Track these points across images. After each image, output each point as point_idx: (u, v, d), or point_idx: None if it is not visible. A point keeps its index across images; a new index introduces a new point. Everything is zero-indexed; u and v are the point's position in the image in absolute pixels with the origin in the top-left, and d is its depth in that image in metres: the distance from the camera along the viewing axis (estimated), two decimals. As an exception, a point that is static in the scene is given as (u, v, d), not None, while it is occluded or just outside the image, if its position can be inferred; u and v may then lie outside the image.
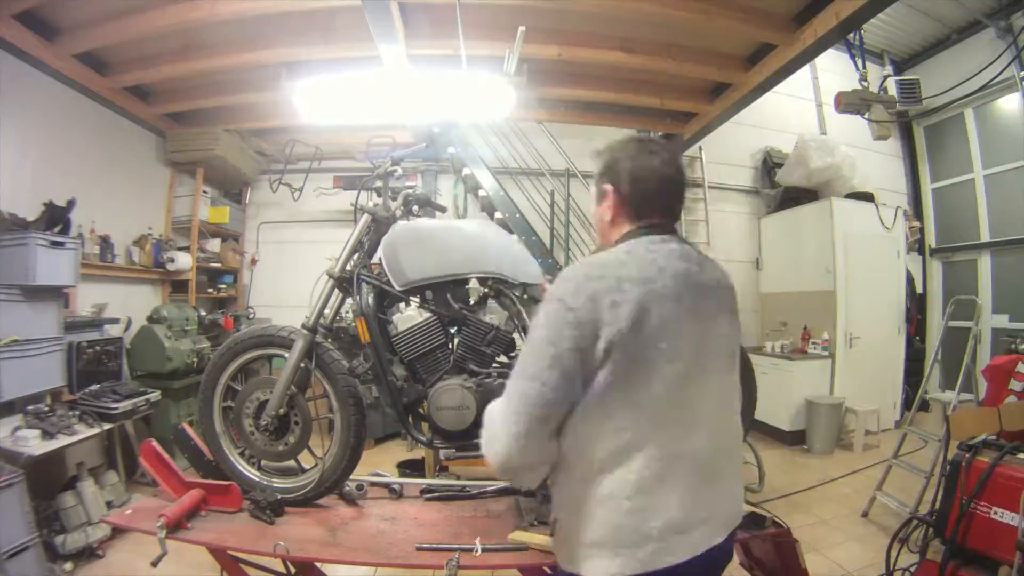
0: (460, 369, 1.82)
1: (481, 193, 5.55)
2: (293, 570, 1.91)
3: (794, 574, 1.72)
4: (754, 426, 2.03)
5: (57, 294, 3.32)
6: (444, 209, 2.32)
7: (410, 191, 1.99)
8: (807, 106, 6.89)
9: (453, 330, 1.88)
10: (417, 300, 1.85)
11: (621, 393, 0.98)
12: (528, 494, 1.87)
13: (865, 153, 6.19)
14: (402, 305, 1.88)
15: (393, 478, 2.18)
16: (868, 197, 5.85)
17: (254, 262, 6.13)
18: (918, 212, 7.06)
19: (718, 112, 4.76)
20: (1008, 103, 5.96)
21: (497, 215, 5.46)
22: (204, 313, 4.96)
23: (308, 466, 1.91)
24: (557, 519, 1.13)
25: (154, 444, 1.86)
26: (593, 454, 1.01)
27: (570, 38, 3.90)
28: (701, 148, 6.33)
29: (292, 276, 4.31)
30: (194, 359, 4.31)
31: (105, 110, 4.44)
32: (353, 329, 1.85)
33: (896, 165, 7.19)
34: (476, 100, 3.33)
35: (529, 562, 1.50)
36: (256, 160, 5.76)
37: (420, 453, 4.25)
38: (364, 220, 1.90)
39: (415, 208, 2.01)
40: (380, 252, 1.85)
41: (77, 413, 3.18)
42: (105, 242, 4.25)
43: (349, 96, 3.18)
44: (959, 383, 3.67)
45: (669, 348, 1.00)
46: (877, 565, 2.73)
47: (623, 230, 1.16)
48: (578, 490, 1.04)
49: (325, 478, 1.84)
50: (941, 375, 5.92)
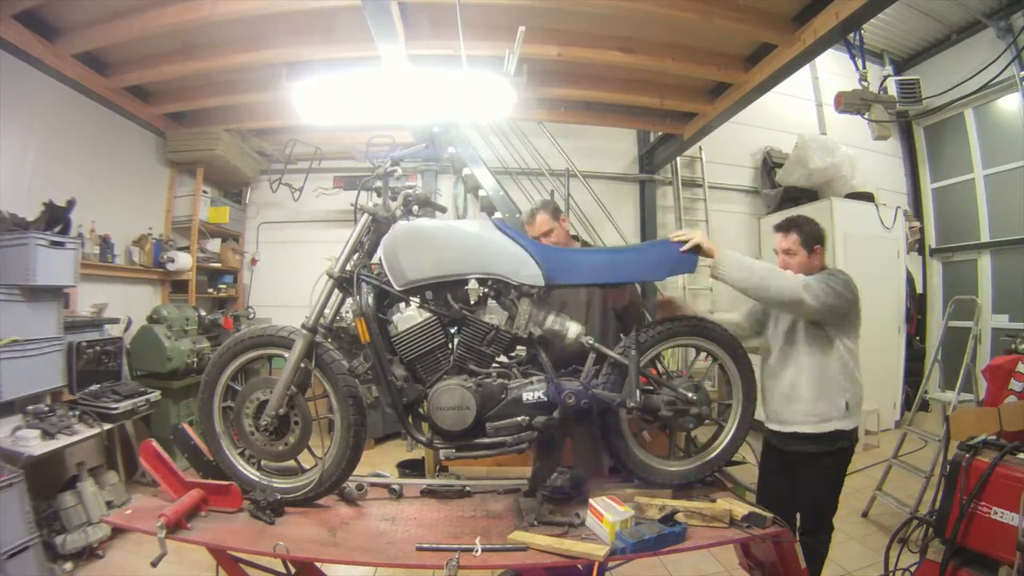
0: (460, 369, 1.82)
1: (481, 193, 5.54)
2: (293, 570, 1.91)
3: (794, 574, 1.72)
4: (754, 426, 2.02)
5: (57, 294, 3.31)
6: (444, 209, 2.32)
7: (410, 191, 1.99)
8: (807, 106, 6.90)
9: (453, 330, 1.87)
10: (417, 300, 1.84)
11: None
12: (528, 494, 1.87)
13: (865, 153, 6.19)
14: (402, 305, 1.87)
15: (393, 478, 2.18)
16: (868, 197, 5.85)
17: (254, 262, 6.12)
18: (918, 212, 7.06)
19: (718, 112, 4.75)
20: (1008, 103, 5.97)
21: (497, 215, 5.46)
22: (204, 313, 4.96)
23: (308, 466, 1.91)
24: None
25: (154, 444, 1.86)
26: None
27: (570, 38, 3.90)
28: (701, 148, 6.33)
29: (292, 276, 4.30)
30: (194, 359, 4.32)
31: (105, 110, 4.44)
32: (353, 329, 1.85)
33: (896, 165, 7.19)
34: (476, 100, 3.32)
35: (529, 562, 1.50)
36: (256, 160, 5.76)
37: (420, 453, 4.25)
38: (364, 220, 1.90)
39: (415, 208, 2.00)
40: (380, 252, 1.84)
41: (77, 413, 3.18)
42: (105, 242, 4.25)
43: (349, 96, 3.17)
44: (959, 383, 3.67)
45: None
46: (877, 565, 2.72)
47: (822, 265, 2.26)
48: None
49: (325, 478, 1.84)
50: (941, 375, 5.90)
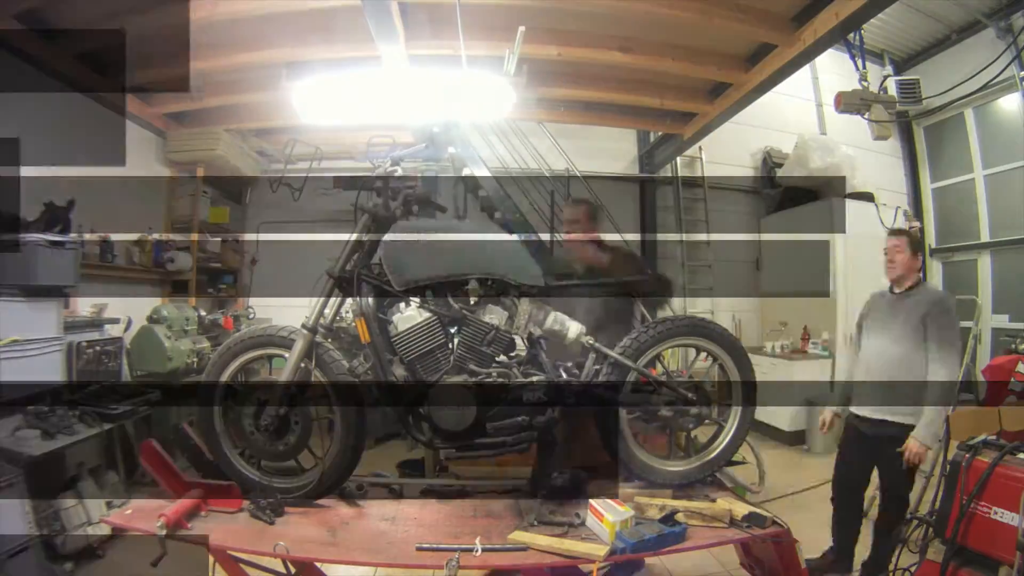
0: (460, 369, 1.82)
1: (481, 193, 5.54)
2: (293, 570, 1.91)
3: (794, 574, 1.72)
4: (754, 426, 2.03)
5: (57, 294, 3.31)
6: (444, 209, 2.31)
7: (410, 191, 1.99)
8: (807, 106, 6.89)
9: (453, 330, 1.88)
10: (417, 300, 1.85)
11: None
12: (528, 494, 1.87)
13: (865, 153, 6.18)
14: (402, 305, 1.87)
15: (393, 478, 2.19)
16: (868, 197, 5.84)
17: (254, 262, 6.12)
18: (918, 212, 7.05)
19: (718, 112, 4.76)
20: (1008, 103, 5.96)
21: (497, 215, 5.46)
22: (204, 313, 4.95)
23: (308, 466, 1.91)
24: None
25: (154, 444, 1.86)
26: None
27: (569, 38, 3.90)
28: (701, 148, 6.32)
29: (292, 276, 4.30)
30: (194, 359, 4.31)
31: (105, 110, 4.44)
32: (353, 329, 1.85)
33: (896, 165, 7.19)
34: (476, 100, 3.33)
35: (529, 562, 1.50)
36: (256, 160, 5.76)
37: (420, 453, 4.24)
38: (364, 220, 1.90)
39: (415, 208, 2.01)
40: (380, 252, 1.84)
41: (77, 413, 3.18)
42: (105, 242, 4.25)
43: (349, 96, 3.18)
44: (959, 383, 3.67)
45: None
46: (877, 565, 2.72)
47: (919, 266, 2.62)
48: None
49: (325, 478, 1.84)
50: (941, 375, 5.90)
